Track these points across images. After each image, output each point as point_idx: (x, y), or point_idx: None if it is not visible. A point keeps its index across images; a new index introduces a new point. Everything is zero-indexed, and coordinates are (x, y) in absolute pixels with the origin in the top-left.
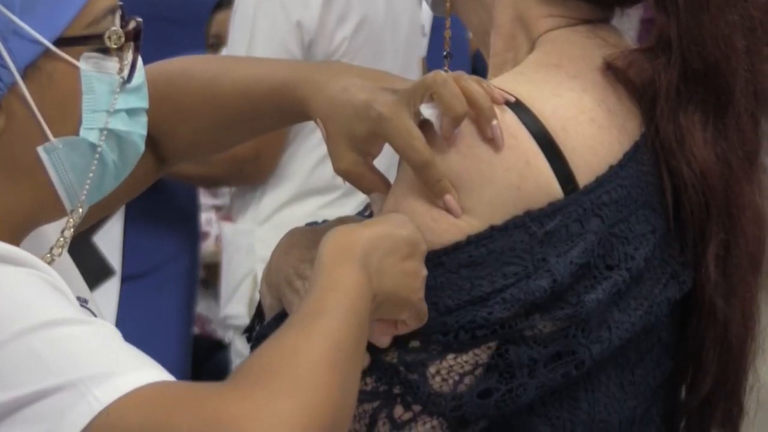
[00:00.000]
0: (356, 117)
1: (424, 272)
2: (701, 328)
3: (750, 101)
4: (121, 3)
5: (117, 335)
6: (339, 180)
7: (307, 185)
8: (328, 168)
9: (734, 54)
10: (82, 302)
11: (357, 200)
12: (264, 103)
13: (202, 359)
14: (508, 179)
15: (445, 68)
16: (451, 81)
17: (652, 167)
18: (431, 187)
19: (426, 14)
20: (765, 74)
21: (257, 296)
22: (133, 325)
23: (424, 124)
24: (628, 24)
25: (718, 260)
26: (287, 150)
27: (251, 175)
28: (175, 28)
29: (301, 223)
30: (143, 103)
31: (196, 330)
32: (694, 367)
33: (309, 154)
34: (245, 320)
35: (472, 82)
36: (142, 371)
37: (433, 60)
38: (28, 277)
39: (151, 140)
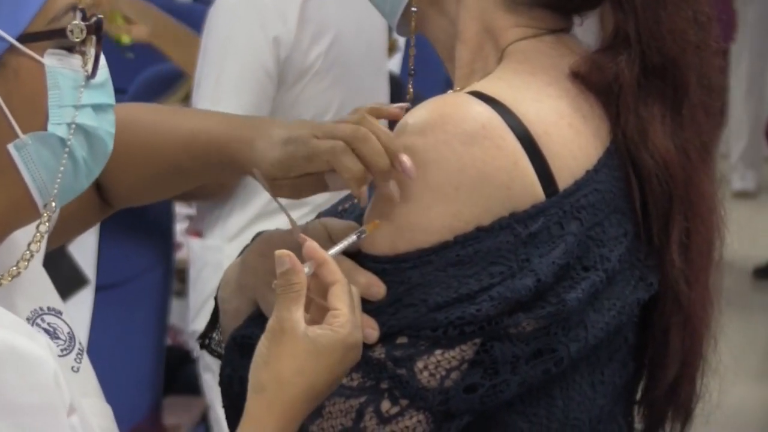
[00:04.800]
0: (277, 146)
1: None
2: (666, 315)
3: (704, 94)
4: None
5: None
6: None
7: (273, 202)
8: None
9: (689, 48)
10: (56, 313)
11: None
12: (203, 157)
13: (174, 369)
14: (499, 178)
15: (409, 85)
16: (373, 138)
17: (621, 172)
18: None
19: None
20: (715, 68)
21: None
22: (107, 335)
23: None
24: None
25: (681, 247)
26: None
27: (213, 192)
28: None
29: None
30: (109, 99)
31: (168, 340)
32: (659, 356)
33: None
34: None
35: (376, 142)
36: None
37: (406, 75)
38: None
39: (96, 185)
